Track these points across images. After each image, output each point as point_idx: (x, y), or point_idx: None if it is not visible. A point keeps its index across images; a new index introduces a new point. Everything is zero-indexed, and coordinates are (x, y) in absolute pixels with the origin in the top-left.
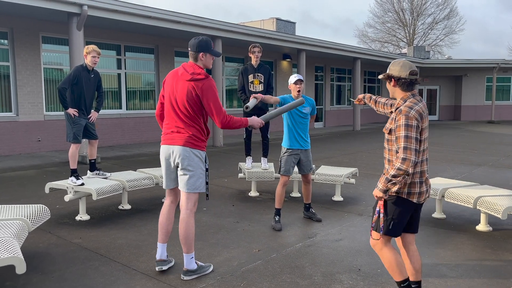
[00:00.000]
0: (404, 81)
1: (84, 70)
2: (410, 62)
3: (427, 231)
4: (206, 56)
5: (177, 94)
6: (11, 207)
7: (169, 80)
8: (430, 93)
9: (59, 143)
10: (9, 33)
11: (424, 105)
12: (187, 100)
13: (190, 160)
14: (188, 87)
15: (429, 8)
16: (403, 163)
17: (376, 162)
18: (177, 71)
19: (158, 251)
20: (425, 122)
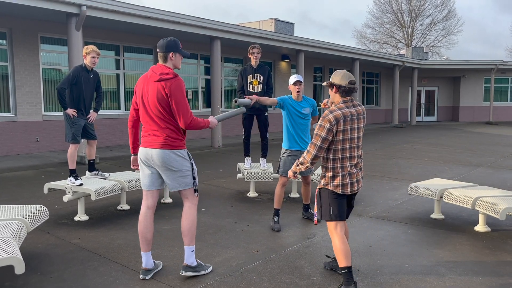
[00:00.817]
0: (344, 88)
1: (83, 71)
2: (349, 73)
3: (426, 232)
4: (175, 56)
5: (148, 97)
6: (9, 208)
7: (140, 85)
8: (429, 94)
9: (58, 143)
10: (7, 33)
11: (357, 110)
12: (158, 101)
13: (172, 161)
14: (158, 88)
15: (427, 9)
16: (306, 154)
17: (375, 163)
18: (146, 75)
19: (143, 260)
20: (348, 125)
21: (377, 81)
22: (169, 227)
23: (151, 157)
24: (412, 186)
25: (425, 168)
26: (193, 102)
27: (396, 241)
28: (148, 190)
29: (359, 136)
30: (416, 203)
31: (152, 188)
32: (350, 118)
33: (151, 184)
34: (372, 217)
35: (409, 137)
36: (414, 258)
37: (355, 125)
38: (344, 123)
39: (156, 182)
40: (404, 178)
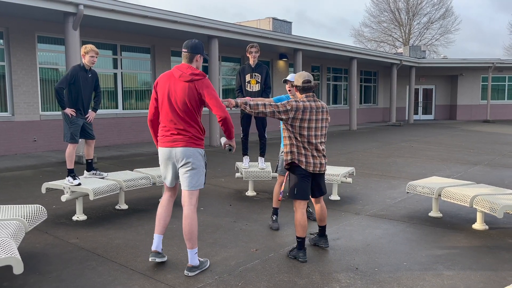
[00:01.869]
0: (300, 87)
1: (82, 70)
2: (306, 73)
3: (424, 230)
4: (200, 59)
5: (177, 96)
6: (7, 208)
7: (165, 83)
8: (426, 92)
9: (55, 143)
10: (4, 32)
11: (317, 104)
12: (189, 100)
13: (195, 159)
14: (189, 87)
15: (424, 7)
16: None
17: (373, 161)
18: (172, 74)
19: (154, 242)
20: (313, 115)
21: (375, 80)
22: (168, 227)
23: (176, 155)
24: (410, 184)
25: (423, 166)
26: None
27: (395, 239)
28: (171, 186)
29: (322, 126)
30: (414, 201)
31: (174, 184)
32: (309, 110)
33: (174, 181)
34: (370, 216)
35: (407, 136)
36: (412, 256)
37: (318, 116)
38: (303, 113)
39: (178, 178)
40: (402, 176)
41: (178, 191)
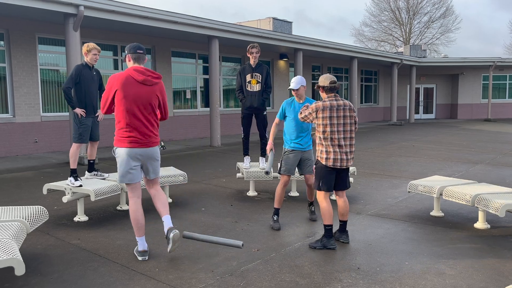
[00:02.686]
0: (327, 87)
1: (85, 68)
2: (330, 75)
3: (425, 229)
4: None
5: (145, 100)
6: (9, 209)
7: (132, 87)
8: (427, 91)
9: (56, 144)
10: (5, 34)
11: (339, 103)
12: (154, 102)
13: (158, 153)
14: (155, 90)
15: (425, 7)
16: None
17: (374, 160)
18: (136, 77)
19: (140, 244)
20: (333, 113)
21: (375, 79)
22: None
23: (146, 154)
24: (412, 183)
25: (424, 165)
26: (192, 102)
27: (396, 239)
28: (137, 182)
29: (346, 123)
30: (415, 200)
31: (139, 179)
32: (329, 108)
33: (138, 176)
34: (371, 215)
35: (407, 135)
36: (414, 256)
37: (339, 114)
38: (323, 111)
39: (141, 174)
40: (403, 176)
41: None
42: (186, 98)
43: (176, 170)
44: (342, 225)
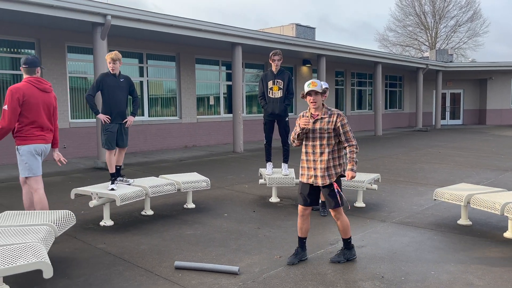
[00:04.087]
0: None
1: (109, 76)
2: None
3: (452, 238)
4: (40, 70)
5: (48, 105)
6: (38, 213)
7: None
8: (454, 97)
9: (84, 150)
10: (36, 43)
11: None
12: (54, 107)
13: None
14: (53, 98)
15: (451, 10)
16: (358, 147)
17: (399, 167)
18: (37, 87)
19: None
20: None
21: (400, 85)
22: (192, 232)
23: (46, 149)
24: (438, 191)
25: (450, 172)
26: (215, 108)
27: (422, 247)
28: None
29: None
30: (442, 208)
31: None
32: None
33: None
34: (396, 223)
35: (433, 141)
36: (440, 265)
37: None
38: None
39: None
40: (429, 183)
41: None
42: (209, 105)
43: (199, 175)
44: (343, 241)
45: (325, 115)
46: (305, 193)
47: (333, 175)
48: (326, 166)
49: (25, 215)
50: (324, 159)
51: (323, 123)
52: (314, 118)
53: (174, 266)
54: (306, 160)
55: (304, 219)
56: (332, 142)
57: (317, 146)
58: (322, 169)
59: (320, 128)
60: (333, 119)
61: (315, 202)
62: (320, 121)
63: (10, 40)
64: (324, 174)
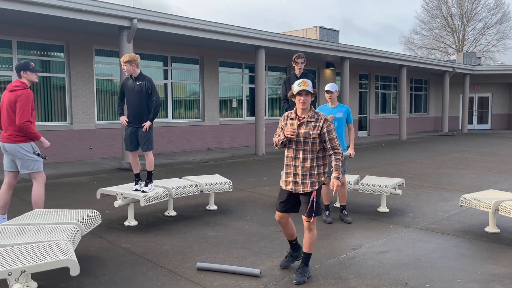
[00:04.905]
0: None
1: (128, 79)
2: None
3: (479, 246)
4: (26, 73)
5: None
6: (65, 212)
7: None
8: (481, 101)
9: (109, 150)
10: (65, 46)
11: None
12: (11, 107)
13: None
14: (10, 97)
15: (480, 12)
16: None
17: (424, 172)
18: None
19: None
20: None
21: (426, 88)
22: (214, 234)
23: (4, 147)
24: (464, 197)
25: (478, 178)
26: (238, 111)
27: (447, 254)
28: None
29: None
30: (468, 215)
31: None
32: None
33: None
34: (421, 229)
35: (460, 146)
36: (467, 273)
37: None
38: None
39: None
40: (455, 188)
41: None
42: (232, 107)
43: (221, 177)
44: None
45: (311, 119)
46: (282, 199)
47: (315, 183)
48: (309, 173)
49: (53, 214)
50: (306, 166)
51: (309, 127)
52: (300, 120)
53: (196, 267)
54: (287, 165)
55: (283, 225)
56: (316, 148)
57: (300, 151)
58: (304, 175)
59: (305, 133)
60: (319, 124)
61: (292, 209)
62: (306, 125)
63: (40, 43)
64: (306, 181)
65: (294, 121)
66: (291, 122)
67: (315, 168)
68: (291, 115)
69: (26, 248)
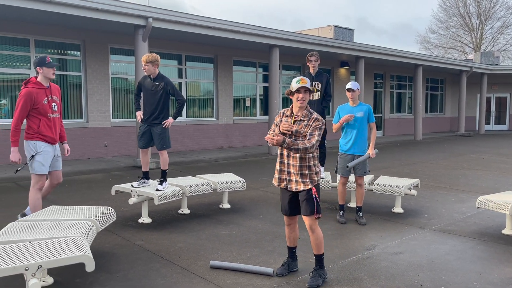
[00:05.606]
0: None
1: (147, 78)
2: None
3: (496, 249)
4: (42, 69)
5: None
6: (81, 208)
7: None
8: (499, 101)
9: (124, 148)
10: (81, 45)
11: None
12: None
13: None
14: None
15: (498, 11)
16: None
17: (439, 173)
18: None
19: None
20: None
21: (442, 88)
22: (227, 232)
23: None
24: (481, 199)
25: (495, 180)
26: (251, 110)
27: (463, 256)
28: None
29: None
30: (485, 217)
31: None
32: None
33: None
34: (436, 230)
35: (477, 147)
36: (483, 276)
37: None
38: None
39: None
40: (472, 190)
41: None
42: (245, 106)
43: (235, 176)
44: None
45: (305, 118)
46: (284, 202)
47: (307, 183)
48: (300, 172)
49: (69, 210)
50: (296, 165)
51: (301, 125)
52: (294, 118)
53: (210, 265)
54: (280, 162)
55: (290, 228)
56: None
57: None
58: (296, 174)
59: (296, 131)
60: (311, 122)
61: (297, 209)
62: (299, 124)
63: (57, 42)
64: (298, 180)
65: (289, 119)
66: (286, 119)
67: (306, 168)
68: (287, 113)
69: (43, 243)
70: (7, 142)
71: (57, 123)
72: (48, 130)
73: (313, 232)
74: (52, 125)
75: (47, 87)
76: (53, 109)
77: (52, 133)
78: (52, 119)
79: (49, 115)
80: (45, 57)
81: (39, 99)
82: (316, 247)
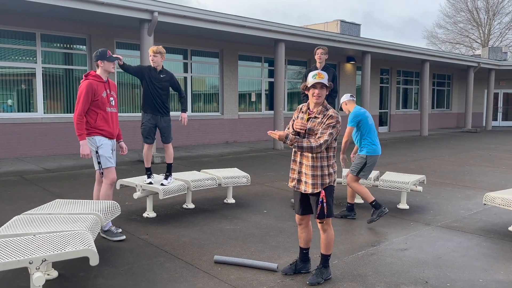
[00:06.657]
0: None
1: (152, 70)
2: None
3: (503, 246)
4: (102, 63)
5: None
6: (86, 202)
7: None
8: (507, 97)
9: (129, 143)
10: (87, 39)
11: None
12: None
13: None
14: None
15: (506, 6)
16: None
17: (446, 169)
18: None
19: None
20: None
21: (449, 83)
22: (232, 227)
23: None
24: (488, 195)
25: (502, 176)
26: (256, 105)
27: (469, 253)
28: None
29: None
30: (492, 214)
31: None
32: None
33: None
34: (442, 227)
35: (484, 143)
36: (489, 273)
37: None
38: None
39: None
40: (478, 186)
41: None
42: (251, 101)
43: (239, 171)
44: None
45: (319, 115)
46: (296, 200)
47: (318, 185)
48: (312, 173)
49: (74, 204)
50: (308, 164)
51: (315, 123)
52: (309, 115)
53: (214, 260)
54: (292, 160)
55: (302, 228)
56: None
57: None
58: (307, 174)
59: (309, 129)
60: (324, 120)
61: (308, 209)
62: (313, 121)
63: (64, 36)
64: (308, 181)
65: (304, 115)
66: (301, 115)
67: (318, 169)
68: (303, 108)
69: (47, 237)
70: (9, 135)
71: (114, 118)
72: (105, 124)
73: (324, 232)
74: (110, 119)
75: (106, 81)
76: (111, 103)
77: (110, 127)
78: (110, 113)
79: (107, 109)
80: (106, 51)
81: (99, 91)
82: (325, 247)
